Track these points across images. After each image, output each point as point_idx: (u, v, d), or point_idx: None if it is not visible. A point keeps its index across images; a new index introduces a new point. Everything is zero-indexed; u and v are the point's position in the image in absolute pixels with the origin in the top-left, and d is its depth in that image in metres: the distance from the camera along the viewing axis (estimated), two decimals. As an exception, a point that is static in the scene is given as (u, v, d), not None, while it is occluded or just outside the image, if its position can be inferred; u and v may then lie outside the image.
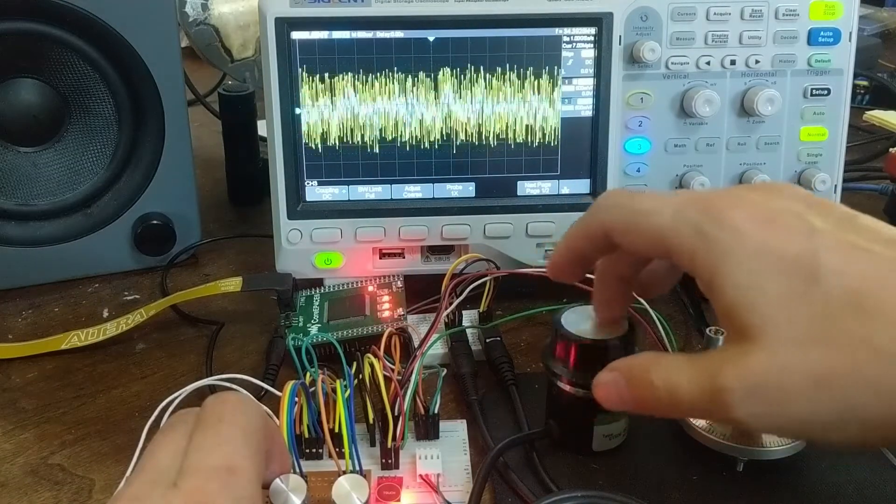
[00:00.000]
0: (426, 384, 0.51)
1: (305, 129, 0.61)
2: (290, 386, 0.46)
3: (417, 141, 0.61)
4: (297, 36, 0.59)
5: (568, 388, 0.47)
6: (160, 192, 0.69)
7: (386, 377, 0.48)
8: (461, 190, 0.62)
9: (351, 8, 0.58)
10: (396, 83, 0.60)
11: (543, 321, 0.61)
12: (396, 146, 0.61)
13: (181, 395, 0.48)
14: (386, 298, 0.60)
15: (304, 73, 0.60)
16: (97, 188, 0.68)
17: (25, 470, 0.50)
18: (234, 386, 0.49)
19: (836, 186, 0.63)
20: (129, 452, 0.48)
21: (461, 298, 0.57)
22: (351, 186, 0.62)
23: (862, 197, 0.80)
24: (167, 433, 0.34)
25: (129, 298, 0.68)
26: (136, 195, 0.68)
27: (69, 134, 0.67)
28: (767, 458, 0.46)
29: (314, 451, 0.47)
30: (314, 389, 0.47)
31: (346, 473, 0.44)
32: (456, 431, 0.50)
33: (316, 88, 0.60)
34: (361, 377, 0.49)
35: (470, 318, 0.59)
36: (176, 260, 0.71)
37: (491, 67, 0.60)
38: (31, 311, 0.66)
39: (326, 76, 0.60)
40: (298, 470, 0.44)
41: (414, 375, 0.49)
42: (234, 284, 0.60)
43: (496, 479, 0.47)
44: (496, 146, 0.62)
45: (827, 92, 0.62)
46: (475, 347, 0.57)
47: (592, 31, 0.60)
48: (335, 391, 0.46)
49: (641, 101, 0.61)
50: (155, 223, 0.69)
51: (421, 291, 0.61)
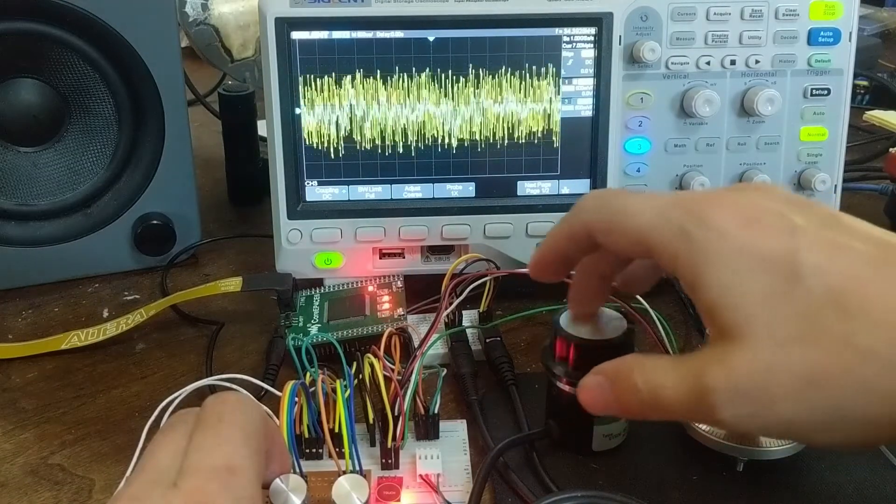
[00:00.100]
0: (426, 384, 0.51)
1: (305, 129, 0.61)
2: (290, 386, 0.46)
3: (417, 141, 0.61)
4: (297, 36, 0.59)
5: (568, 388, 0.47)
6: (160, 192, 0.69)
7: (386, 377, 0.48)
8: (461, 190, 0.62)
9: (351, 8, 0.58)
10: (396, 83, 0.60)
11: (543, 321, 0.61)
12: (396, 146, 0.61)
13: (181, 395, 0.48)
14: (386, 298, 0.60)
15: (304, 73, 0.60)
16: (97, 188, 0.68)
17: (25, 470, 0.50)
18: (234, 386, 0.49)
19: (836, 186, 0.63)
20: (129, 452, 0.48)
21: (461, 298, 0.57)
22: (351, 186, 0.62)
23: (862, 197, 0.80)
24: (167, 433, 0.34)
25: (129, 298, 0.68)
26: (136, 195, 0.68)
27: (69, 134, 0.67)
28: (767, 458, 0.46)
29: (314, 451, 0.47)
30: (314, 389, 0.47)
31: (346, 473, 0.44)
32: (456, 431, 0.50)
33: (316, 88, 0.60)
34: (361, 377, 0.49)
35: (470, 318, 0.59)
36: (176, 260, 0.71)
37: (491, 67, 0.60)
38: (31, 311, 0.66)
39: (326, 76, 0.60)
40: (298, 470, 0.44)
41: (414, 375, 0.49)
42: (234, 284, 0.60)
43: (496, 479, 0.47)
44: (496, 146, 0.62)
45: (827, 92, 0.62)
46: (475, 347, 0.57)
47: (592, 31, 0.60)
48: (335, 391, 0.46)
49: (641, 101, 0.61)
50: (155, 223, 0.69)
51: (421, 291, 0.61)
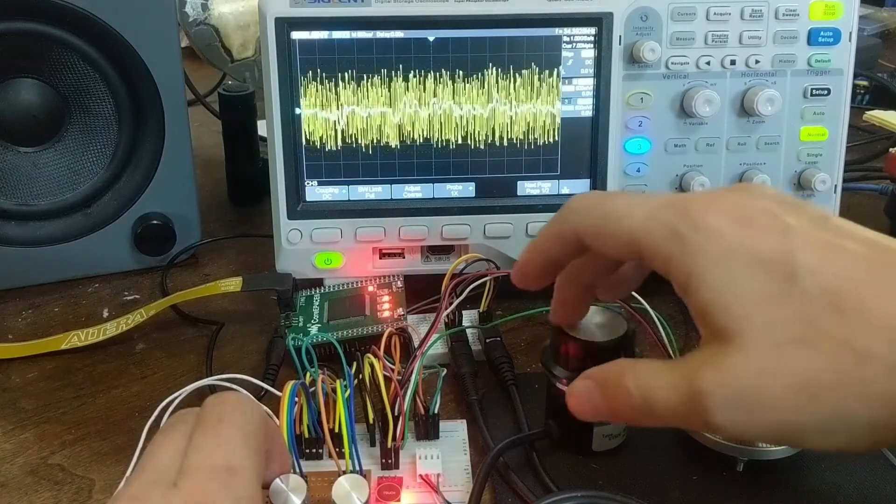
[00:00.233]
0: (426, 384, 0.51)
1: (305, 129, 0.61)
2: (290, 386, 0.46)
3: (417, 141, 0.61)
4: (297, 36, 0.59)
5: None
6: (160, 192, 0.69)
7: (386, 377, 0.48)
8: (461, 190, 0.62)
9: (351, 8, 0.58)
10: (396, 83, 0.60)
11: (543, 321, 0.61)
12: (396, 146, 0.61)
13: (181, 395, 0.48)
14: (386, 298, 0.60)
15: (304, 73, 0.60)
16: (97, 188, 0.68)
17: (25, 470, 0.50)
18: (234, 386, 0.49)
19: (836, 186, 0.63)
20: (129, 452, 0.48)
21: (461, 298, 0.57)
22: (351, 186, 0.62)
23: (862, 197, 0.80)
24: (167, 433, 0.34)
25: (129, 298, 0.68)
26: (136, 195, 0.68)
27: (69, 134, 0.67)
28: (767, 458, 0.46)
29: (314, 451, 0.47)
30: (314, 389, 0.47)
31: (346, 473, 0.44)
32: (456, 431, 0.50)
33: (316, 88, 0.60)
34: (361, 377, 0.49)
35: (470, 318, 0.59)
36: (176, 260, 0.71)
37: (491, 67, 0.60)
38: (31, 311, 0.66)
39: (326, 76, 0.60)
40: (298, 470, 0.44)
41: (414, 375, 0.49)
42: (234, 284, 0.60)
43: (496, 479, 0.47)
44: (496, 146, 0.62)
45: (827, 92, 0.62)
46: (475, 347, 0.57)
47: (592, 31, 0.60)
48: (335, 391, 0.46)
49: (641, 101, 0.61)
50: (155, 223, 0.69)
51: (421, 291, 0.61)
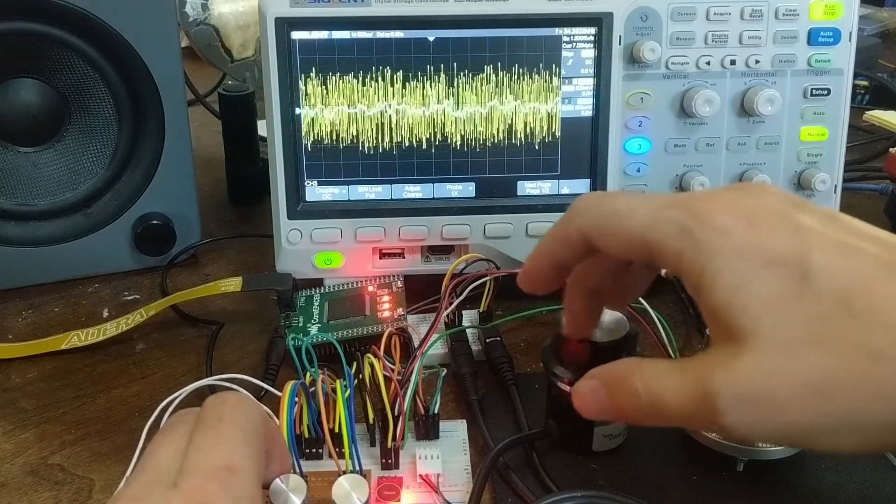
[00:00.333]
0: (426, 384, 0.51)
1: (305, 129, 0.61)
2: (290, 386, 0.46)
3: (417, 141, 0.61)
4: (297, 36, 0.59)
5: (568, 388, 0.47)
6: (160, 192, 0.69)
7: (386, 377, 0.48)
8: (461, 190, 0.62)
9: (351, 8, 0.58)
10: (396, 83, 0.60)
11: (543, 321, 0.61)
12: (396, 146, 0.61)
13: (181, 395, 0.48)
14: (386, 298, 0.60)
15: (304, 73, 0.60)
16: (97, 188, 0.68)
17: (25, 470, 0.50)
18: (234, 386, 0.49)
19: (836, 186, 0.63)
20: (129, 452, 0.48)
21: (461, 298, 0.57)
22: (351, 186, 0.62)
23: (862, 197, 0.80)
24: (167, 433, 0.34)
25: (129, 298, 0.68)
26: (136, 195, 0.68)
27: (69, 134, 0.67)
28: (767, 458, 0.46)
29: (314, 451, 0.47)
30: (314, 389, 0.47)
31: (346, 473, 0.44)
32: (456, 431, 0.50)
33: (316, 88, 0.60)
34: (361, 377, 0.49)
35: (470, 318, 0.59)
36: (176, 260, 0.71)
37: (491, 67, 0.60)
38: (31, 311, 0.66)
39: (326, 76, 0.60)
40: (298, 470, 0.44)
41: (414, 375, 0.49)
42: (234, 284, 0.60)
43: (496, 479, 0.47)
44: (496, 146, 0.62)
45: (827, 92, 0.62)
46: (475, 347, 0.57)
47: (592, 31, 0.60)
48: (335, 391, 0.46)
49: (641, 101, 0.61)
50: (155, 223, 0.69)
51: (421, 291, 0.61)
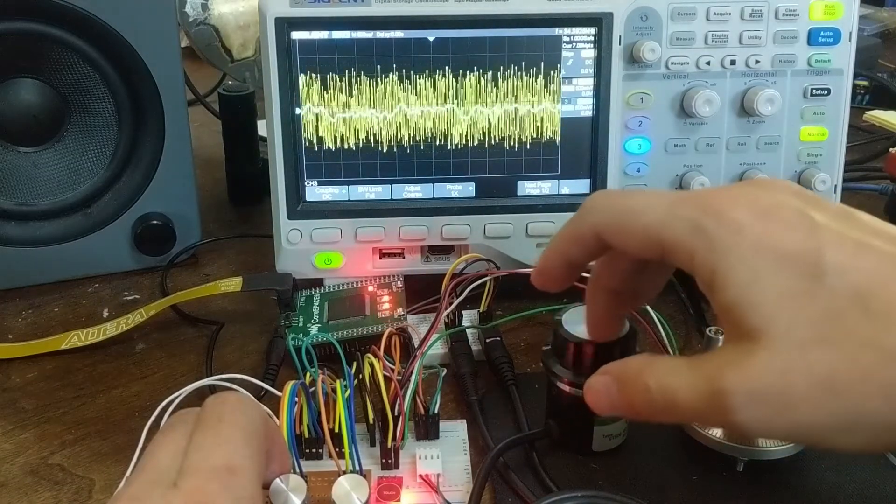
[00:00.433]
0: (426, 384, 0.51)
1: (305, 129, 0.61)
2: (290, 386, 0.46)
3: (417, 141, 0.61)
4: (297, 36, 0.59)
5: (568, 388, 0.47)
6: (160, 192, 0.69)
7: (386, 377, 0.48)
8: (461, 190, 0.62)
9: (351, 8, 0.58)
10: (396, 83, 0.60)
11: (543, 321, 0.61)
12: (396, 146, 0.61)
13: (181, 395, 0.48)
14: (386, 298, 0.60)
15: (304, 73, 0.60)
16: (97, 188, 0.68)
17: (25, 470, 0.50)
18: (234, 386, 0.49)
19: (836, 186, 0.63)
20: (129, 452, 0.48)
21: (461, 298, 0.57)
22: (351, 186, 0.62)
23: (862, 197, 0.80)
24: (167, 433, 0.34)
25: (129, 298, 0.68)
26: (136, 195, 0.68)
27: (69, 134, 0.67)
28: (767, 458, 0.46)
29: (314, 451, 0.47)
30: (314, 389, 0.47)
31: (346, 473, 0.44)
32: (456, 431, 0.50)
33: (316, 88, 0.60)
34: (361, 377, 0.49)
35: (470, 318, 0.59)
36: (176, 260, 0.71)
37: (491, 68, 0.60)
38: (31, 311, 0.66)
39: (326, 76, 0.60)
40: (298, 470, 0.44)
41: (414, 375, 0.49)
42: (234, 284, 0.60)
43: (496, 479, 0.47)
44: (496, 146, 0.62)
45: (827, 92, 0.62)
46: (475, 347, 0.57)
47: (592, 31, 0.60)
48: (335, 391, 0.46)
49: (641, 101, 0.61)
50: (155, 223, 0.69)
51: (421, 291, 0.61)
